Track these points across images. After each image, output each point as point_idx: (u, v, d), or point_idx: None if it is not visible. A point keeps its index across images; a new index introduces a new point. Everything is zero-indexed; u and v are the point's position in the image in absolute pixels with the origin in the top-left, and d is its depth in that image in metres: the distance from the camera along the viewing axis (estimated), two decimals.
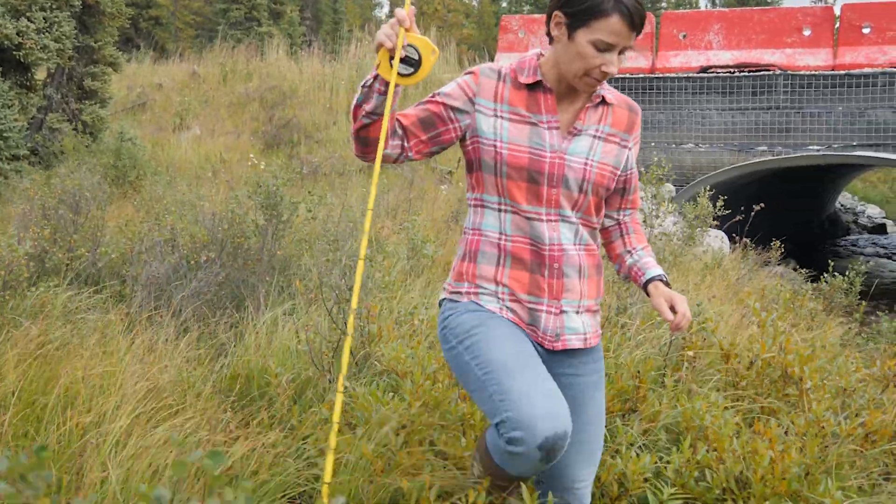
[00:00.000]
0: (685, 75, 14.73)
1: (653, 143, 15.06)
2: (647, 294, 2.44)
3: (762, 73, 14.49)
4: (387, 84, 2.16)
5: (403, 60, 2.14)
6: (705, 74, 14.72)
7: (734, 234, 9.45)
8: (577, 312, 2.39)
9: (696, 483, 2.95)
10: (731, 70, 14.74)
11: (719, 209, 8.53)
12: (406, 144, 2.32)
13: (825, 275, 7.72)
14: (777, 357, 3.83)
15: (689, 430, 3.15)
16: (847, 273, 7.71)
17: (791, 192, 18.64)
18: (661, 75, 14.54)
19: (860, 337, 6.30)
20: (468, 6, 52.96)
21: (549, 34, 2.27)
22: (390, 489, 2.59)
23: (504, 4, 46.38)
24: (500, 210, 2.36)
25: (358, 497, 2.69)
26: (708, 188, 9.80)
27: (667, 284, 2.43)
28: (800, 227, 19.21)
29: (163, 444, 3.11)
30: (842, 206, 25.77)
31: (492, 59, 16.34)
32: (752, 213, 8.17)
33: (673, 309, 2.34)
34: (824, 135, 14.40)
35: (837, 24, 14.31)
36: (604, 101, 2.37)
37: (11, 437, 3.03)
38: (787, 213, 17.88)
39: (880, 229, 24.51)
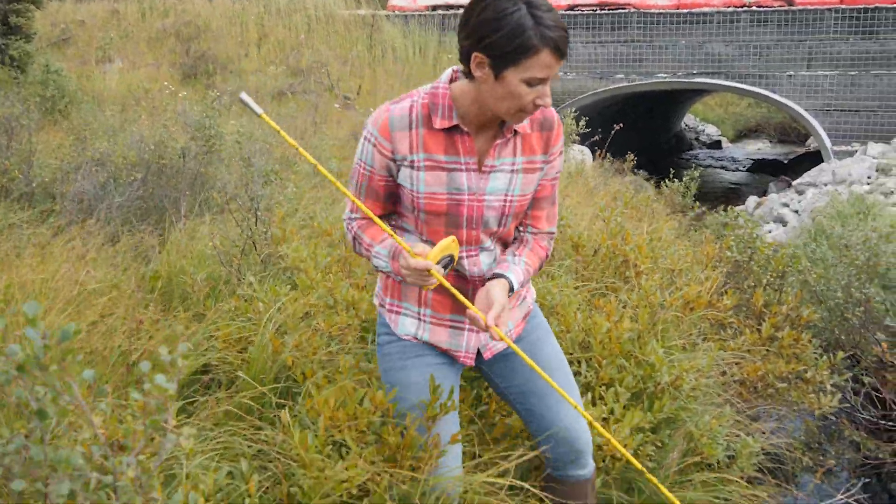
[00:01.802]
0: None
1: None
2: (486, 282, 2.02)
3: (619, 11, 14.60)
4: None
5: (448, 265, 1.87)
6: (572, 12, 14.73)
7: (597, 149, 9.64)
8: None
9: None
10: (594, 8, 14.79)
11: (581, 127, 8.66)
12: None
13: (666, 180, 7.98)
14: (618, 245, 3.98)
15: (544, 307, 3.25)
16: (684, 179, 7.98)
17: (644, 114, 19.04)
18: None
19: (692, 230, 6.57)
20: None
21: (467, 72, 1.85)
22: (283, 363, 2.62)
23: None
24: (422, 240, 2.03)
25: (263, 369, 2.72)
26: (574, 110, 9.93)
27: (511, 290, 1.99)
28: (651, 144, 19.68)
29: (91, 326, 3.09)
30: (686, 125, 26.44)
31: (384, 7, 15.94)
32: (613, 132, 8.32)
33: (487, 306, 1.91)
34: (670, 64, 14.67)
35: None
36: (515, 133, 1.99)
37: None
38: (641, 132, 18.28)
39: (717, 145, 25.30)
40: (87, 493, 1.40)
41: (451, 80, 1.94)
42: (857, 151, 13.16)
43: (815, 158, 15.69)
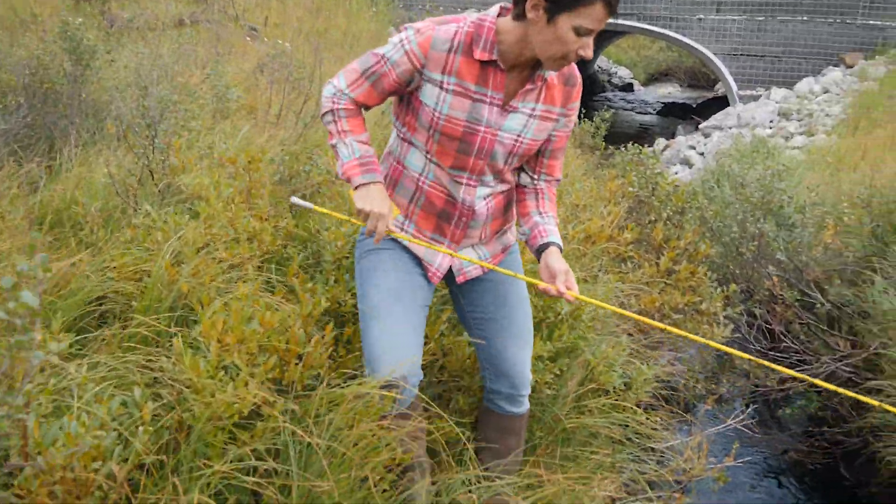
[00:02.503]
0: None
1: (441, 7, 14.92)
2: (539, 255, 2.18)
3: None
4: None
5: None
6: None
7: None
8: (473, 247, 2.30)
9: None
10: None
11: None
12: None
13: (577, 121, 8.11)
14: None
15: None
16: (595, 120, 8.11)
17: None
18: None
19: (600, 168, 6.71)
20: None
21: (520, 13, 1.93)
22: (180, 292, 2.58)
23: None
24: (426, 158, 2.16)
25: (159, 299, 2.67)
26: None
27: (560, 251, 2.19)
28: None
29: None
30: (599, 67, 26.71)
31: None
32: None
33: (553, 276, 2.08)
34: None
35: None
36: (543, 80, 2.10)
37: None
38: None
39: (629, 88, 25.74)
40: None
41: (498, 16, 2.03)
42: (761, 96, 13.58)
43: (722, 103, 16.13)
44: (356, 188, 2.05)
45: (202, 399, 1.79)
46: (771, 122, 12.12)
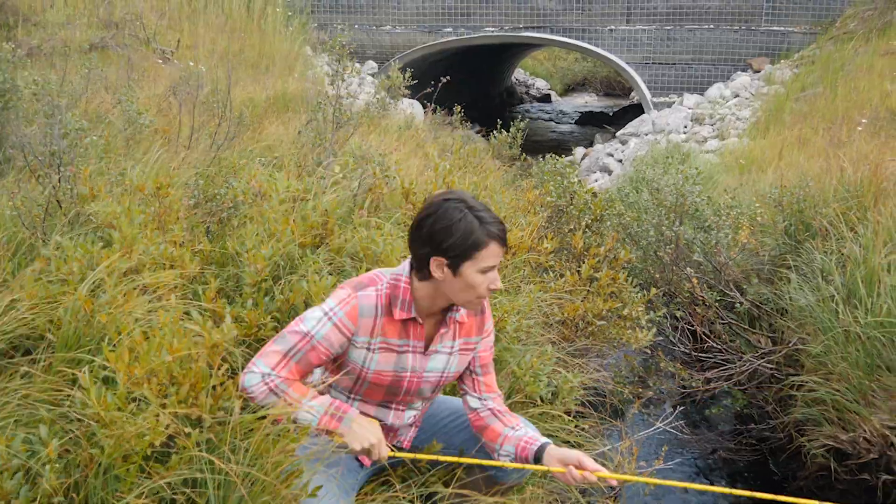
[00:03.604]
0: None
1: (356, 26, 14.90)
2: (537, 461, 2.22)
3: None
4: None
5: None
6: None
7: (427, 104, 9.69)
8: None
9: None
10: None
11: (408, 80, 8.66)
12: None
13: (494, 132, 8.15)
14: None
15: (367, 255, 3.24)
16: (511, 130, 8.17)
17: (475, 69, 19.27)
18: None
19: (519, 179, 6.76)
20: None
21: (426, 276, 2.11)
22: (99, 325, 2.48)
23: None
24: (348, 398, 2.28)
25: (76, 333, 2.56)
26: (403, 64, 9.91)
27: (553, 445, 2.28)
28: (483, 98, 20.01)
29: None
30: (516, 79, 27.04)
31: None
32: (440, 84, 8.38)
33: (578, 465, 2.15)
34: (498, 18, 14.90)
35: None
36: (455, 321, 2.27)
37: None
38: (472, 86, 18.53)
39: (546, 98, 26.12)
40: None
41: (411, 269, 2.18)
42: (674, 102, 13.93)
43: (637, 110, 16.51)
44: (342, 434, 2.07)
45: (111, 432, 1.71)
46: (685, 127, 12.44)
